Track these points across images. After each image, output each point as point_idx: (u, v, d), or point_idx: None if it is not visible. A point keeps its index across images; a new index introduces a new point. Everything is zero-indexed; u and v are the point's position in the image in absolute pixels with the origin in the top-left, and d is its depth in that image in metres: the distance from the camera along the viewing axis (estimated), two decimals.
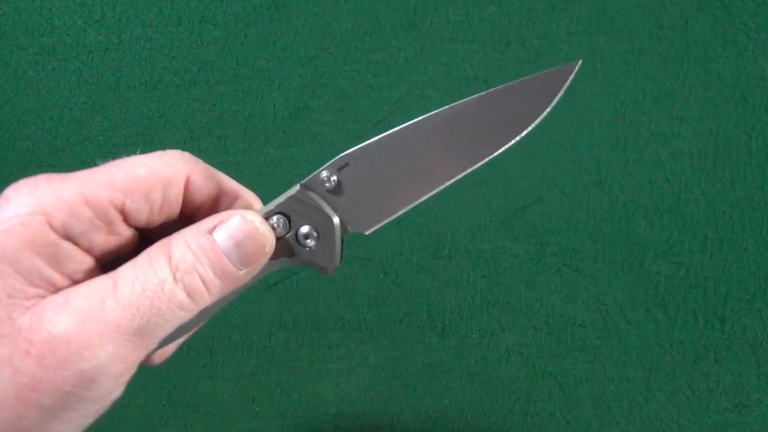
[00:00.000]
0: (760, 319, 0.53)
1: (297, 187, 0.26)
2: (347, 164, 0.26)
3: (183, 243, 0.22)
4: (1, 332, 0.20)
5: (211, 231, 0.23)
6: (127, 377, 0.22)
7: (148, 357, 0.24)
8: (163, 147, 0.60)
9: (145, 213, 0.23)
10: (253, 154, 0.57)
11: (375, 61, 0.58)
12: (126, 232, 0.24)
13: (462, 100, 0.25)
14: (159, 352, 0.26)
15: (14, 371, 0.20)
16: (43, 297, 0.21)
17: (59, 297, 0.21)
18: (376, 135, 0.26)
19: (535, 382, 0.53)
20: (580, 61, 0.25)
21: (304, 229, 0.25)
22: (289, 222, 0.25)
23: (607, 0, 0.57)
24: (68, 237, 0.22)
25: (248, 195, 0.27)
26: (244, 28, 0.59)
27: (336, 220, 0.26)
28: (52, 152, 0.58)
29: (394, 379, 0.53)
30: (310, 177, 0.26)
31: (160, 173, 0.23)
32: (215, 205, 0.26)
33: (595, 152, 0.56)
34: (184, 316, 0.22)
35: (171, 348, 0.27)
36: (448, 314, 0.54)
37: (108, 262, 0.24)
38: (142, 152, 0.25)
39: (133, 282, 0.21)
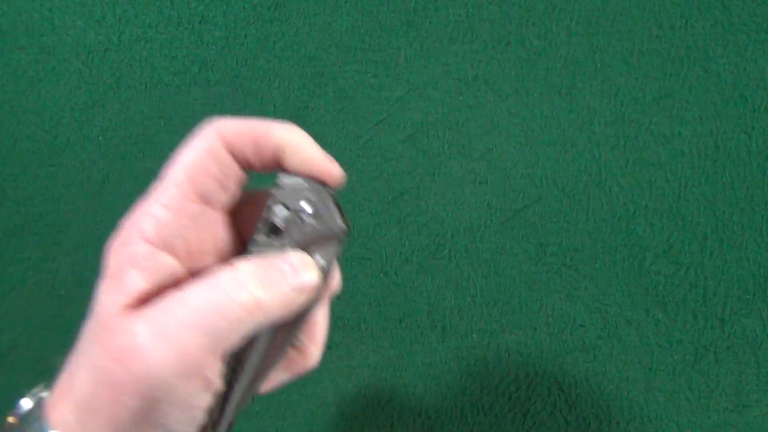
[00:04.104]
0: (760, 319, 0.53)
1: (276, 180, 0.27)
2: None
3: (239, 286, 0.25)
4: (103, 339, 0.23)
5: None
6: (206, 385, 0.24)
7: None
8: (163, 147, 0.60)
9: (217, 188, 0.26)
10: None
11: (375, 61, 0.58)
12: (215, 217, 0.27)
13: None
14: (266, 382, 0.28)
15: (107, 373, 0.23)
16: (135, 309, 0.24)
17: (146, 311, 0.24)
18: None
19: (535, 382, 0.53)
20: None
21: (302, 204, 0.27)
22: (288, 208, 0.27)
23: (607, 0, 0.57)
24: (166, 246, 0.25)
25: (283, 130, 0.28)
26: (244, 28, 0.59)
27: (314, 184, 0.27)
28: (52, 152, 0.58)
29: (394, 379, 0.53)
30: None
31: (204, 149, 0.26)
32: (259, 149, 0.27)
33: (595, 152, 0.56)
34: (247, 323, 0.24)
35: (277, 381, 0.29)
36: (448, 314, 0.54)
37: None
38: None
39: (201, 287, 0.24)
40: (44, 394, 0.25)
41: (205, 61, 0.58)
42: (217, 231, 0.27)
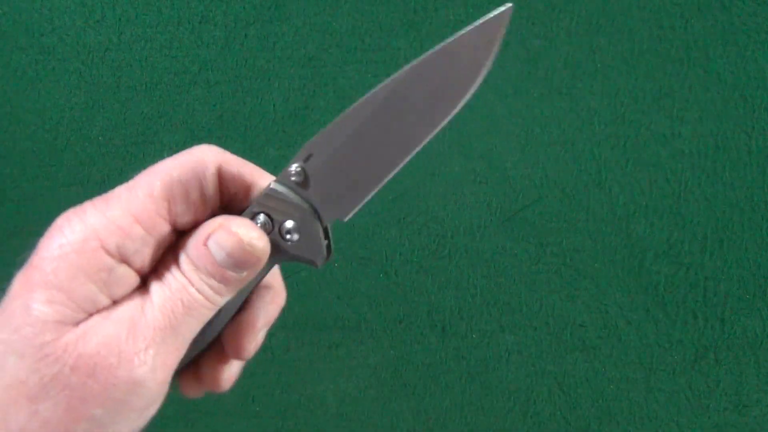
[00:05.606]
0: (760, 319, 0.53)
1: (270, 185, 0.25)
2: (311, 154, 0.25)
3: (185, 257, 0.23)
4: (47, 353, 0.20)
5: (205, 242, 0.23)
6: (166, 387, 0.23)
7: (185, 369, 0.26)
8: (162, 147, 0.60)
9: (189, 214, 0.24)
10: (253, 154, 0.57)
11: (375, 61, 0.58)
12: (172, 238, 0.24)
13: (403, 69, 0.24)
14: (227, 376, 0.27)
15: (62, 387, 0.20)
16: (86, 320, 0.22)
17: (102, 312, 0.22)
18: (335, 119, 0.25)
19: (535, 382, 0.53)
20: (510, 4, 0.23)
21: (288, 224, 0.25)
22: (272, 220, 0.25)
23: (607, 0, 0.57)
24: (123, 259, 0.23)
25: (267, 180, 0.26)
26: (244, 28, 0.59)
27: (308, 209, 0.25)
28: (52, 152, 0.58)
29: (394, 379, 0.53)
30: (281, 173, 0.25)
31: (193, 170, 0.24)
32: (248, 192, 0.26)
33: (595, 152, 0.56)
34: (206, 314, 0.24)
35: (235, 372, 0.28)
36: (448, 314, 0.54)
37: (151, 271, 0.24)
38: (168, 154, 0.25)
39: (162, 288, 0.23)
40: None
41: (205, 61, 0.58)
42: (170, 244, 0.25)
